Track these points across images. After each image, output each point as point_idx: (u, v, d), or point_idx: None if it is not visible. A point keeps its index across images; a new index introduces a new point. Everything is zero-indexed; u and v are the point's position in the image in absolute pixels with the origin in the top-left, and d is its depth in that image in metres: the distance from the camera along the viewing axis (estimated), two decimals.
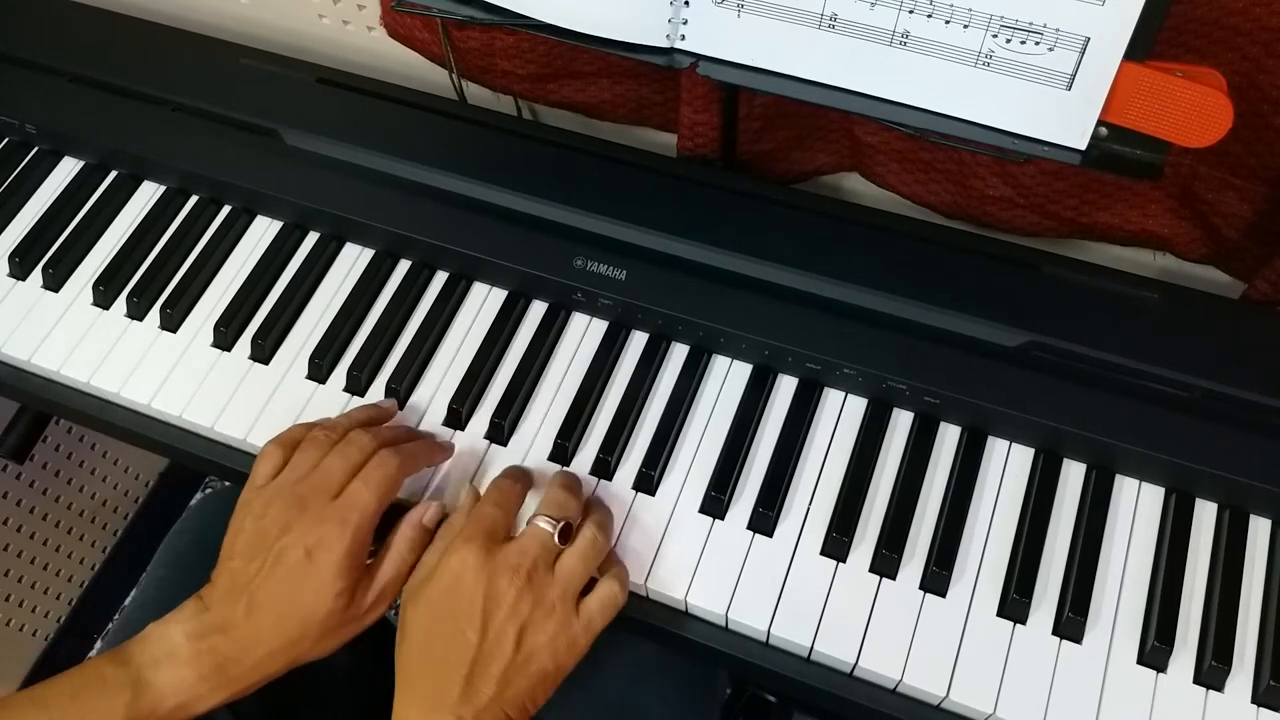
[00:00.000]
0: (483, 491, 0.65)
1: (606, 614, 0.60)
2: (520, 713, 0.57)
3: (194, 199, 0.83)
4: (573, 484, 0.65)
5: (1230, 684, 0.60)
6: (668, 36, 0.67)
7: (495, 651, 0.56)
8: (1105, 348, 0.67)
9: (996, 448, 0.68)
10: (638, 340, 0.74)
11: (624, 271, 0.72)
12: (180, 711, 0.59)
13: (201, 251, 0.80)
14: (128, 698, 0.57)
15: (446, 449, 0.69)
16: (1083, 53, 0.58)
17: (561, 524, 0.60)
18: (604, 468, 0.68)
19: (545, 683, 0.58)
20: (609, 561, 0.64)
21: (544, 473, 0.69)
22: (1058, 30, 0.57)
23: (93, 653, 0.86)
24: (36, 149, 0.87)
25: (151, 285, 0.78)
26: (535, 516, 0.61)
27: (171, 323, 0.77)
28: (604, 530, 0.62)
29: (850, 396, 0.70)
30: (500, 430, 0.70)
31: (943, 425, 0.69)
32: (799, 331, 0.69)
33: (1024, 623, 0.62)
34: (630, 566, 0.65)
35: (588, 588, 0.61)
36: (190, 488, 1.46)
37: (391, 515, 0.64)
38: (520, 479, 0.65)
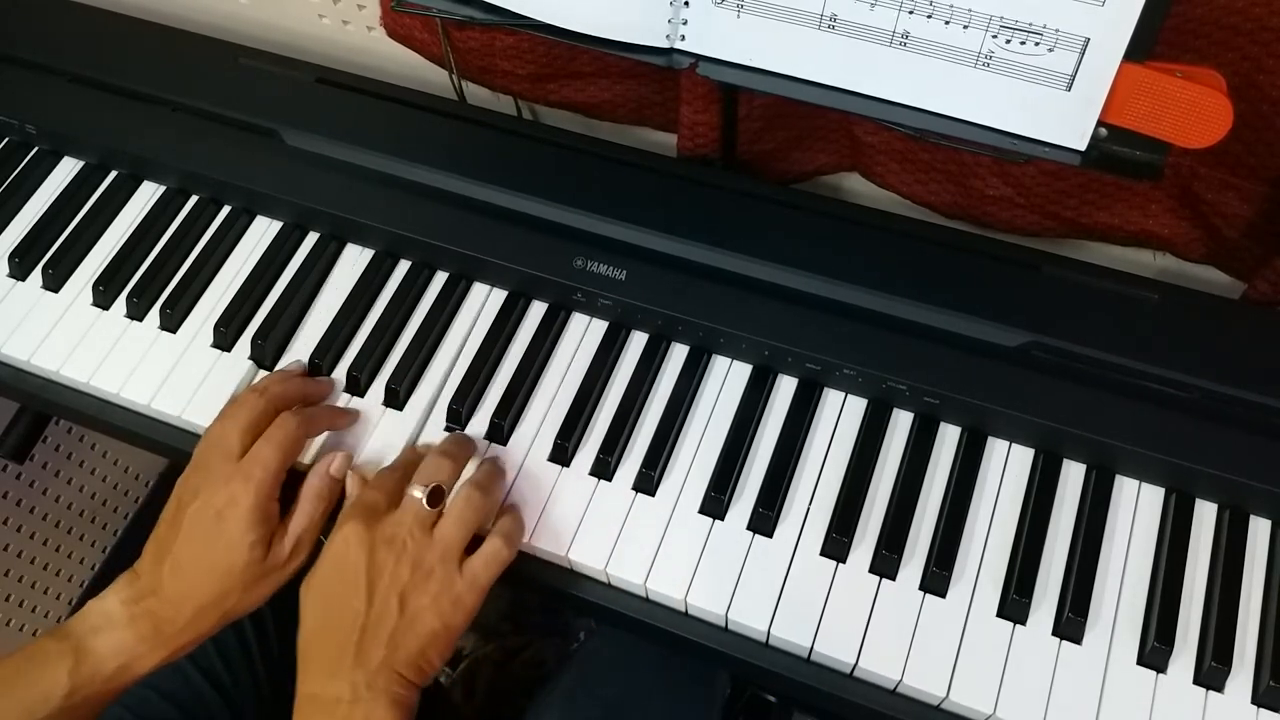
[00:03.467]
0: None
1: (491, 570, 0.62)
2: (415, 672, 0.59)
3: (194, 199, 0.83)
4: (450, 450, 0.66)
5: (1230, 684, 0.60)
6: (667, 37, 0.67)
7: (382, 617, 0.59)
8: (1105, 348, 0.67)
9: (996, 448, 0.68)
10: (638, 340, 0.74)
11: (624, 271, 0.72)
12: (123, 673, 0.62)
13: (201, 252, 0.80)
14: (70, 665, 0.60)
15: (349, 414, 0.71)
16: (1082, 53, 0.58)
17: (430, 488, 0.62)
18: (604, 468, 0.68)
19: (436, 642, 0.60)
20: (504, 515, 0.65)
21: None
22: (1057, 31, 0.57)
23: None
24: (36, 149, 0.87)
25: (151, 285, 0.78)
26: (408, 487, 0.63)
27: (171, 323, 0.77)
28: (483, 489, 0.64)
29: (850, 396, 0.70)
30: (500, 430, 0.70)
31: (943, 425, 0.69)
32: (799, 331, 0.69)
33: (1024, 623, 0.62)
34: (630, 567, 0.65)
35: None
36: None
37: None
38: (398, 468, 0.66)
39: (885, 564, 0.64)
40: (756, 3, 0.63)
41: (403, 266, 0.78)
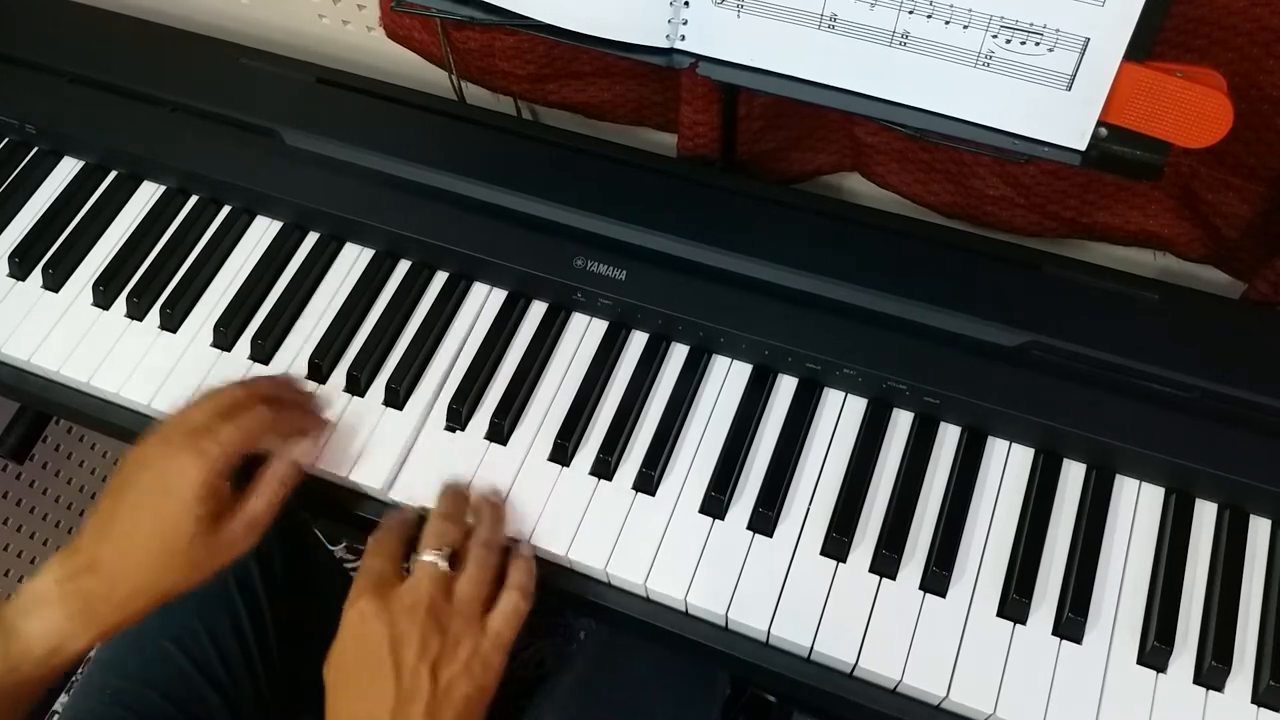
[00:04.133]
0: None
1: (511, 625, 0.61)
2: None
3: (194, 199, 0.83)
4: (450, 510, 0.65)
5: (1230, 684, 0.60)
6: (667, 37, 0.67)
7: (414, 691, 0.57)
8: (1105, 348, 0.67)
9: (996, 448, 0.68)
10: (638, 340, 0.74)
11: (624, 271, 0.72)
12: (54, 655, 0.60)
13: (201, 251, 0.80)
14: (1, 649, 0.59)
15: (326, 422, 0.70)
16: (1083, 53, 0.58)
17: (447, 553, 0.61)
18: (604, 468, 0.68)
19: (471, 707, 0.58)
20: (512, 565, 0.64)
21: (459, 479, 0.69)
22: (1058, 31, 0.57)
23: (90, 654, 0.87)
24: (36, 149, 0.87)
25: (151, 285, 0.78)
26: (419, 552, 0.62)
27: (171, 323, 0.77)
28: (490, 546, 0.63)
29: (850, 396, 0.70)
30: (500, 430, 0.70)
31: (943, 425, 0.69)
32: (799, 331, 0.69)
33: (1024, 623, 0.62)
34: (630, 567, 0.65)
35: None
36: None
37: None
38: (398, 524, 0.65)
39: (885, 564, 0.64)
40: (756, 3, 0.63)
41: (403, 266, 0.78)
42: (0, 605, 0.62)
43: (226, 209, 0.82)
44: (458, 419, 0.71)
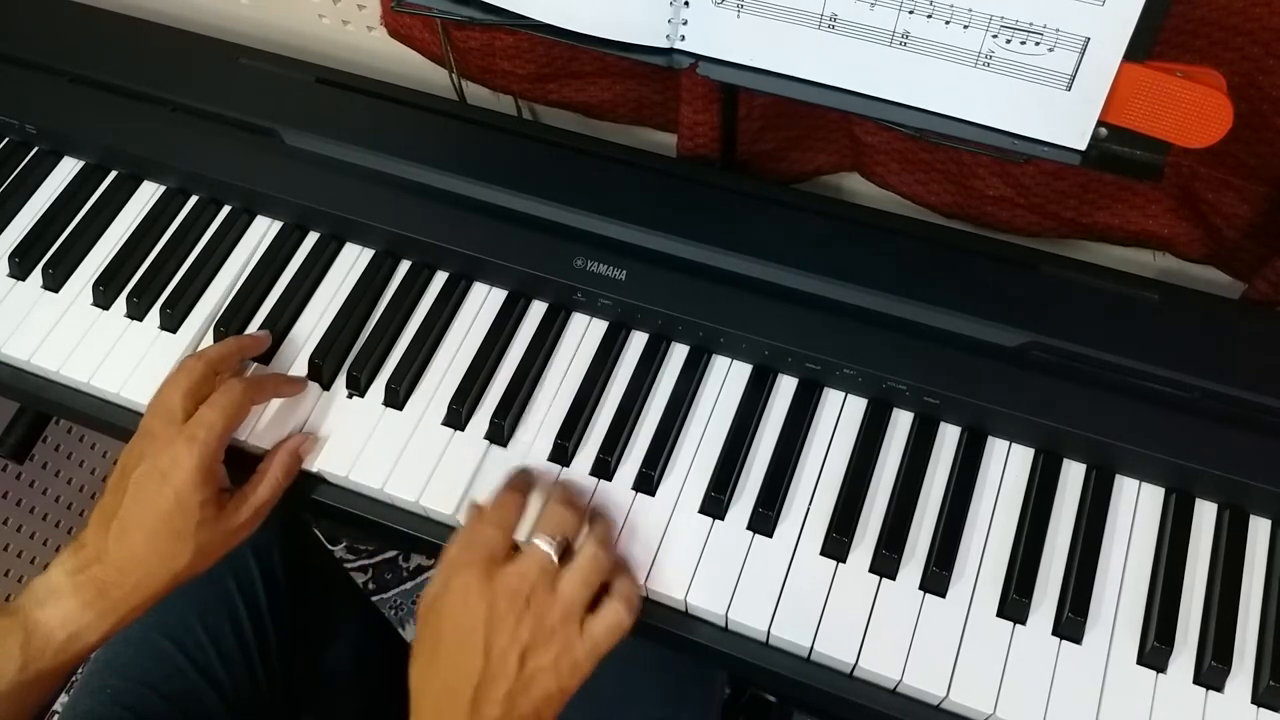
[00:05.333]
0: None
1: (611, 637, 0.60)
2: None
3: (194, 199, 0.83)
4: (571, 498, 0.64)
5: (1230, 684, 0.60)
6: (667, 37, 0.67)
7: (499, 674, 0.57)
8: (1105, 348, 0.67)
9: (996, 448, 0.68)
10: (638, 340, 0.74)
11: (624, 271, 0.72)
12: (74, 642, 0.61)
13: (201, 251, 0.80)
14: (20, 640, 0.60)
15: (297, 382, 0.72)
16: (1083, 53, 0.58)
17: (561, 542, 0.60)
18: (604, 468, 0.68)
19: (550, 704, 0.58)
20: (620, 577, 0.63)
21: (545, 474, 0.69)
22: (1058, 31, 0.57)
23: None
24: (36, 149, 0.87)
25: (151, 285, 0.78)
26: (533, 535, 0.61)
27: (171, 323, 0.77)
28: (605, 546, 0.62)
29: (850, 396, 0.70)
30: (500, 430, 0.70)
31: (943, 425, 0.69)
32: (799, 331, 0.69)
33: (1024, 623, 0.62)
34: (630, 567, 0.65)
35: (597, 601, 0.61)
36: None
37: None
38: (518, 491, 0.65)
39: (885, 564, 0.64)
40: (757, 3, 0.63)
41: (403, 266, 0.78)
42: (13, 601, 0.62)
43: (226, 209, 0.82)
44: (457, 419, 0.71)
